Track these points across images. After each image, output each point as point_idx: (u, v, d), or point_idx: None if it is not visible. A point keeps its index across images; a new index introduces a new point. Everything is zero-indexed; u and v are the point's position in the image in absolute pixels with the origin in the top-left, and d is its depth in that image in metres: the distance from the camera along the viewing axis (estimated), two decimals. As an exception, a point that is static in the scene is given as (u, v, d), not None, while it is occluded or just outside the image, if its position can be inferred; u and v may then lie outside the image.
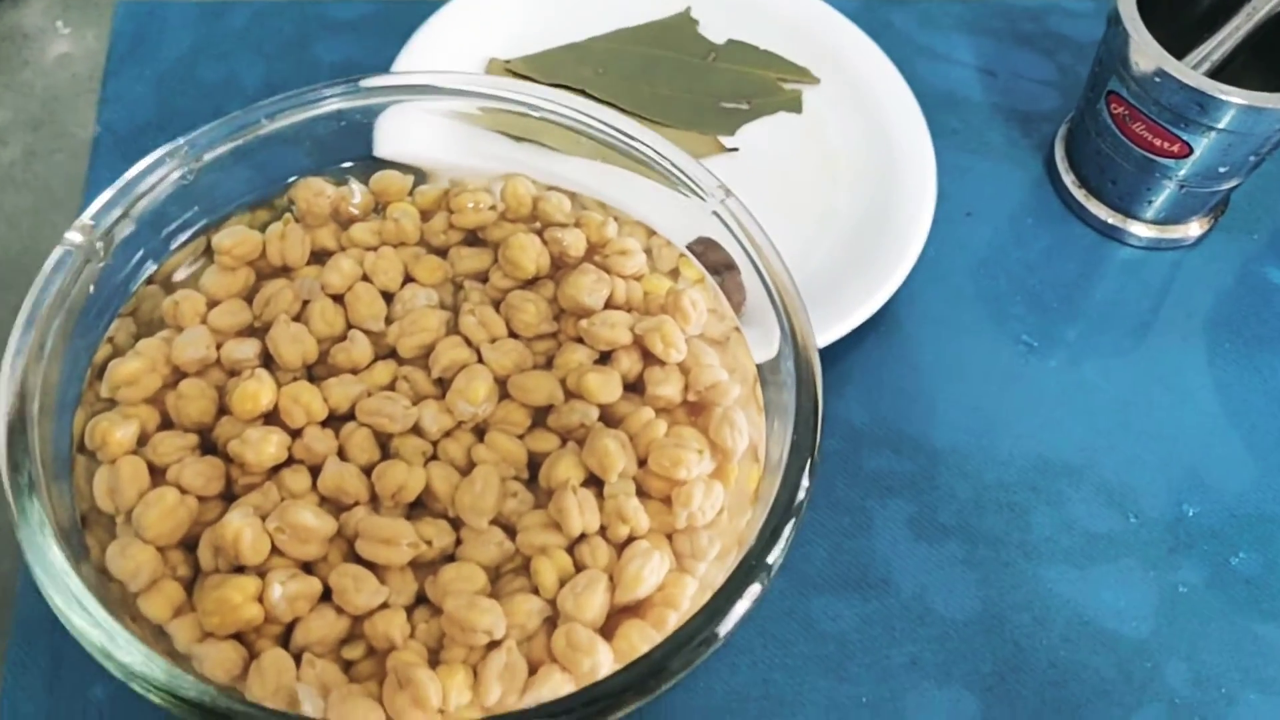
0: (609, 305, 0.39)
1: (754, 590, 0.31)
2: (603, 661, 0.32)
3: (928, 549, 0.46)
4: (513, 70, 0.56)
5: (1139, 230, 0.55)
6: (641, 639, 0.32)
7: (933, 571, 0.45)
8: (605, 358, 0.38)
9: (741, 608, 0.31)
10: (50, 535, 0.31)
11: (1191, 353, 0.53)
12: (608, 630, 0.33)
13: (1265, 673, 0.45)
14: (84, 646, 0.29)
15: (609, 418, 0.37)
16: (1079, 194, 0.55)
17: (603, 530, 0.34)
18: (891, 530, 0.46)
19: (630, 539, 0.34)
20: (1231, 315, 0.54)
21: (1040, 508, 0.47)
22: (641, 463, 0.36)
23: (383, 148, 0.42)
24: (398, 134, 0.43)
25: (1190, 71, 0.48)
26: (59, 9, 0.59)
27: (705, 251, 0.42)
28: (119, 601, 0.32)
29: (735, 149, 0.55)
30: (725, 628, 0.31)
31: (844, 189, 0.54)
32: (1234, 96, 0.47)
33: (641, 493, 0.35)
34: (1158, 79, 0.48)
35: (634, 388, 0.38)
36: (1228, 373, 0.52)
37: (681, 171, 0.40)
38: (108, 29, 0.58)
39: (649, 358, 0.38)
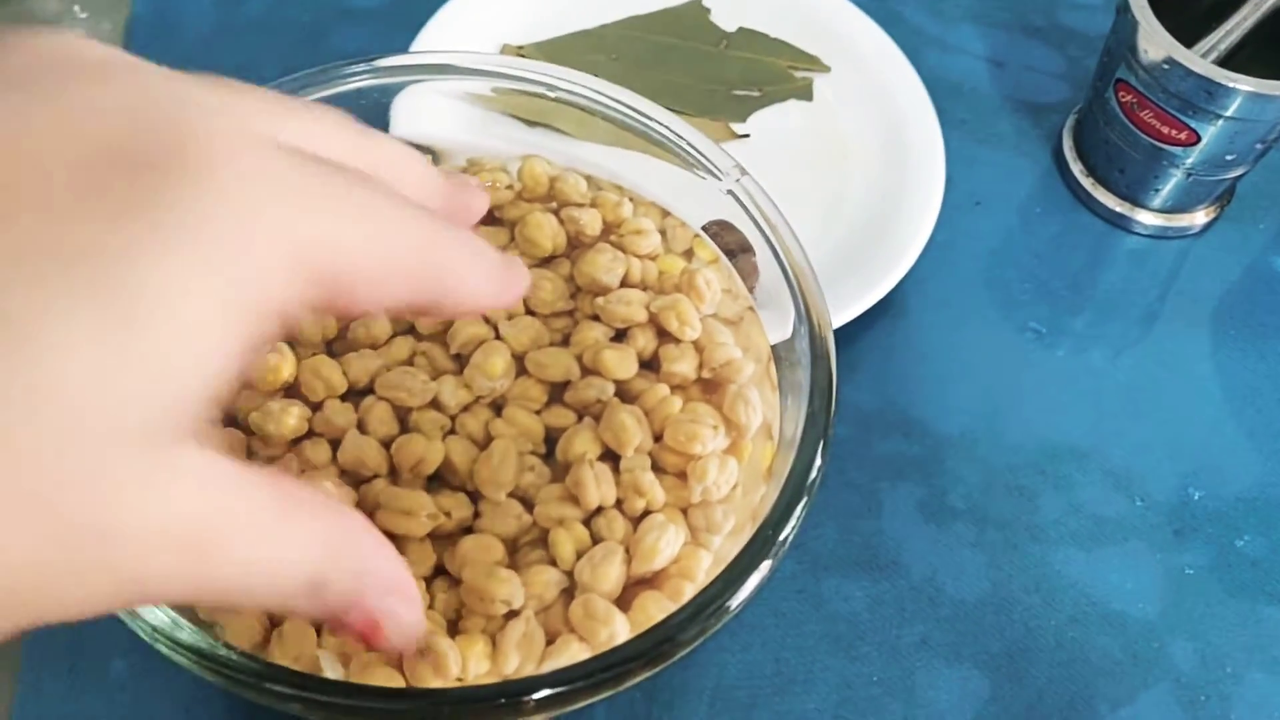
0: (624, 284, 0.39)
1: (766, 565, 0.31)
2: (619, 631, 0.32)
3: (937, 531, 0.46)
4: (525, 56, 0.57)
5: (1146, 219, 0.55)
6: (658, 609, 0.33)
7: (942, 553, 0.46)
8: (621, 335, 0.38)
9: (754, 581, 0.31)
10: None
11: (1197, 340, 0.53)
12: (624, 601, 0.33)
13: (1270, 653, 0.45)
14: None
15: (625, 394, 0.37)
16: (1087, 183, 0.56)
17: (619, 504, 0.35)
18: (902, 512, 0.47)
19: (646, 513, 0.35)
20: (1237, 303, 0.54)
21: (1048, 491, 0.48)
22: (657, 438, 0.36)
23: (399, 128, 0.43)
24: (414, 114, 0.43)
25: (1198, 59, 0.48)
26: (72, -6, 0.60)
27: (720, 234, 0.43)
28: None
29: (747, 135, 0.56)
30: (737, 600, 0.31)
31: (854, 176, 0.55)
32: (1241, 84, 0.47)
33: (657, 468, 0.36)
34: (1166, 66, 0.48)
35: (649, 365, 0.38)
36: (1233, 360, 0.53)
37: (697, 150, 0.41)
38: (125, 15, 0.59)
39: (664, 336, 0.38)
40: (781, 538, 0.32)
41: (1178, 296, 0.54)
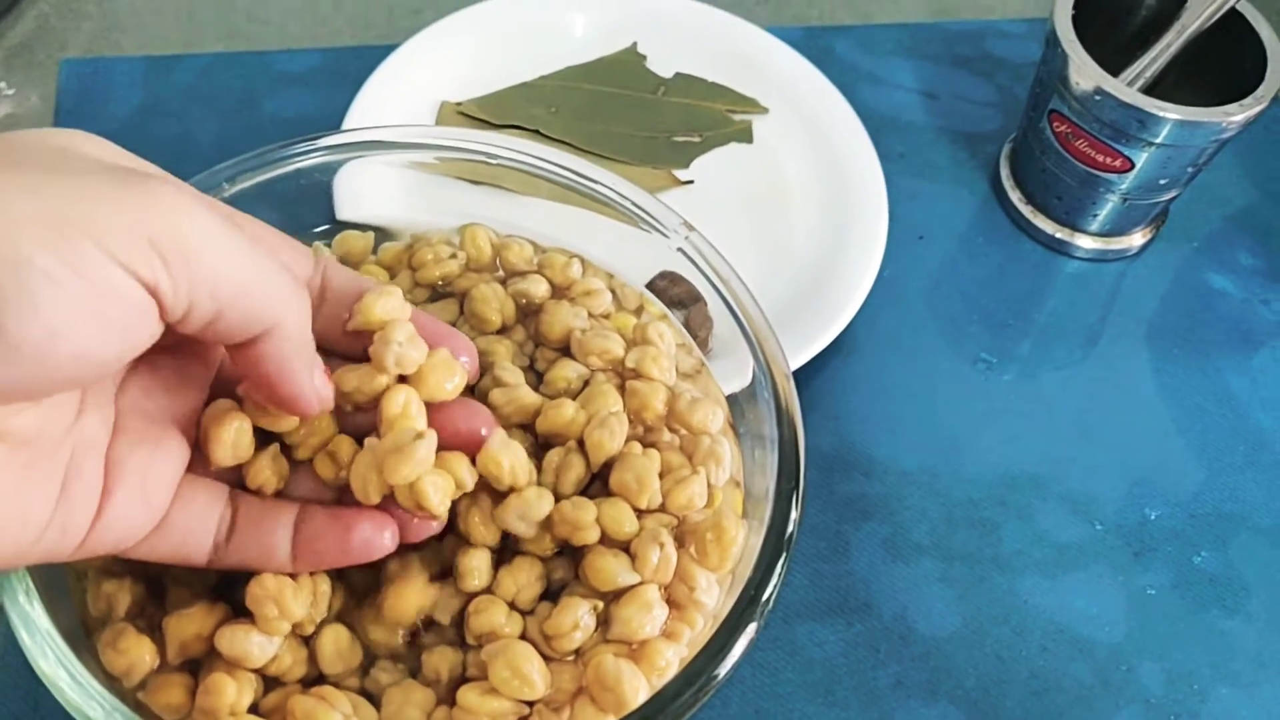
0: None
1: (752, 628, 0.31)
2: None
3: (905, 569, 0.47)
4: (465, 113, 0.57)
5: (1085, 243, 0.56)
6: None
7: (911, 591, 0.46)
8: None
9: (740, 646, 0.31)
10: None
11: (1142, 359, 0.54)
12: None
13: (1232, 667, 0.46)
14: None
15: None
16: (1026, 210, 0.57)
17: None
18: (868, 553, 0.47)
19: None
20: (1177, 321, 0.55)
21: (1010, 521, 0.48)
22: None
23: (344, 210, 0.42)
24: (357, 194, 0.43)
25: (1129, 90, 0.49)
26: (1, 69, 0.58)
27: (669, 286, 0.43)
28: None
29: (690, 181, 0.56)
30: (725, 667, 0.31)
31: (799, 217, 0.55)
32: (1170, 112, 0.48)
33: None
34: (1098, 97, 0.49)
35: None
36: (1177, 377, 0.54)
37: (644, 210, 0.41)
38: (53, 88, 0.58)
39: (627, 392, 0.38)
40: (765, 597, 0.32)
41: (1120, 317, 0.55)
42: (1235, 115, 0.48)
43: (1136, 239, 0.57)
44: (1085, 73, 0.49)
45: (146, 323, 0.25)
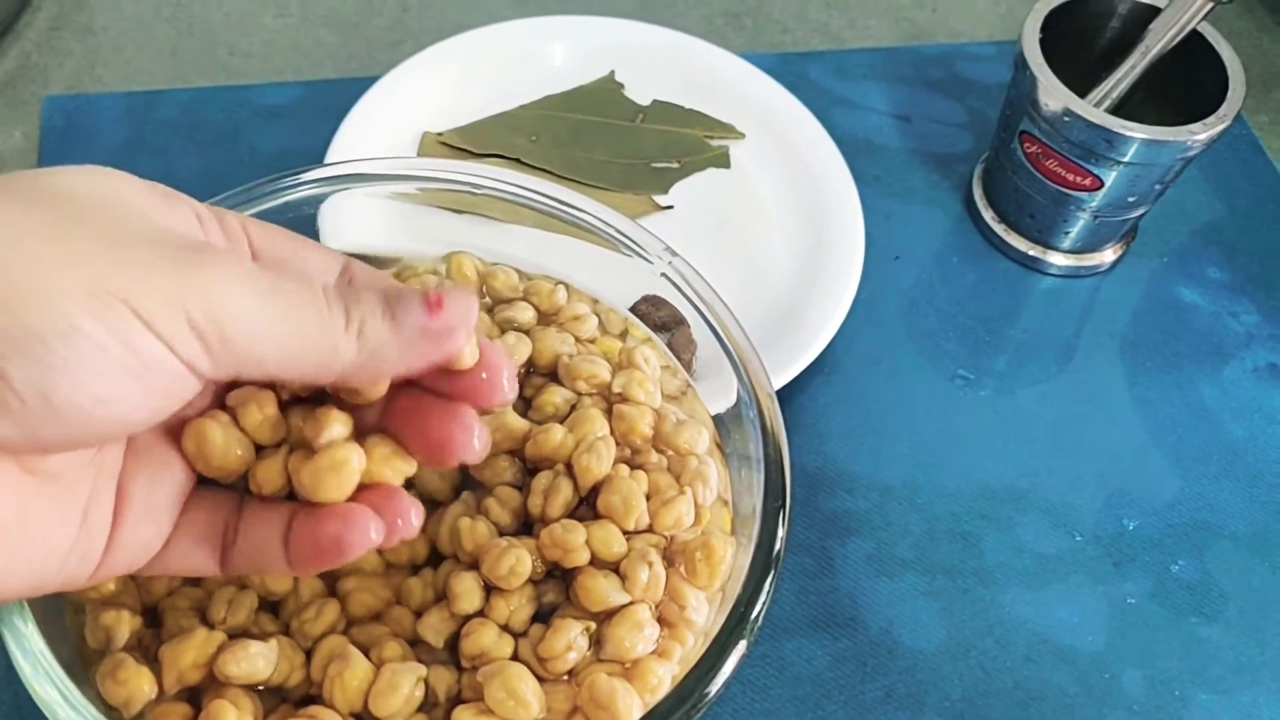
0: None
1: (742, 645, 0.32)
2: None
3: (889, 584, 0.47)
4: (446, 143, 0.57)
5: (1057, 260, 0.58)
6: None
7: (896, 605, 0.47)
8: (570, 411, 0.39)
9: (731, 664, 0.32)
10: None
11: (1116, 373, 0.55)
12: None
13: (1212, 673, 0.47)
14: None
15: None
16: (999, 229, 0.58)
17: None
18: (853, 568, 0.48)
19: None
20: (1149, 334, 0.57)
21: (991, 534, 0.49)
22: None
23: (330, 241, 0.43)
24: (343, 225, 0.43)
25: (1096, 110, 0.50)
26: (-17, 108, 0.59)
27: (651, 310, 0.43)
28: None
29: (670, 207, 0.57)
30: (716, 685, 0.32)
31: (777, 239, 0.56)
32: (1137, 132, 0.50)
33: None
34: (1066, 118, 0.51)
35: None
36: (1150, 389, 0.55)
37: (627, 237, 0.42)
38: (37, 126, 0.58)
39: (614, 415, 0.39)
40: (754, 615, 0.33)
41: (1094, 332, 0.57)
42: (1199, 134, 0.50)
43: (1108, 255, 0.58)
44: (1054, 95, 0.51)
45: (185, 387, 0.26)
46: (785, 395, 0.51)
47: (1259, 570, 0.50)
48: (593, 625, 0.34)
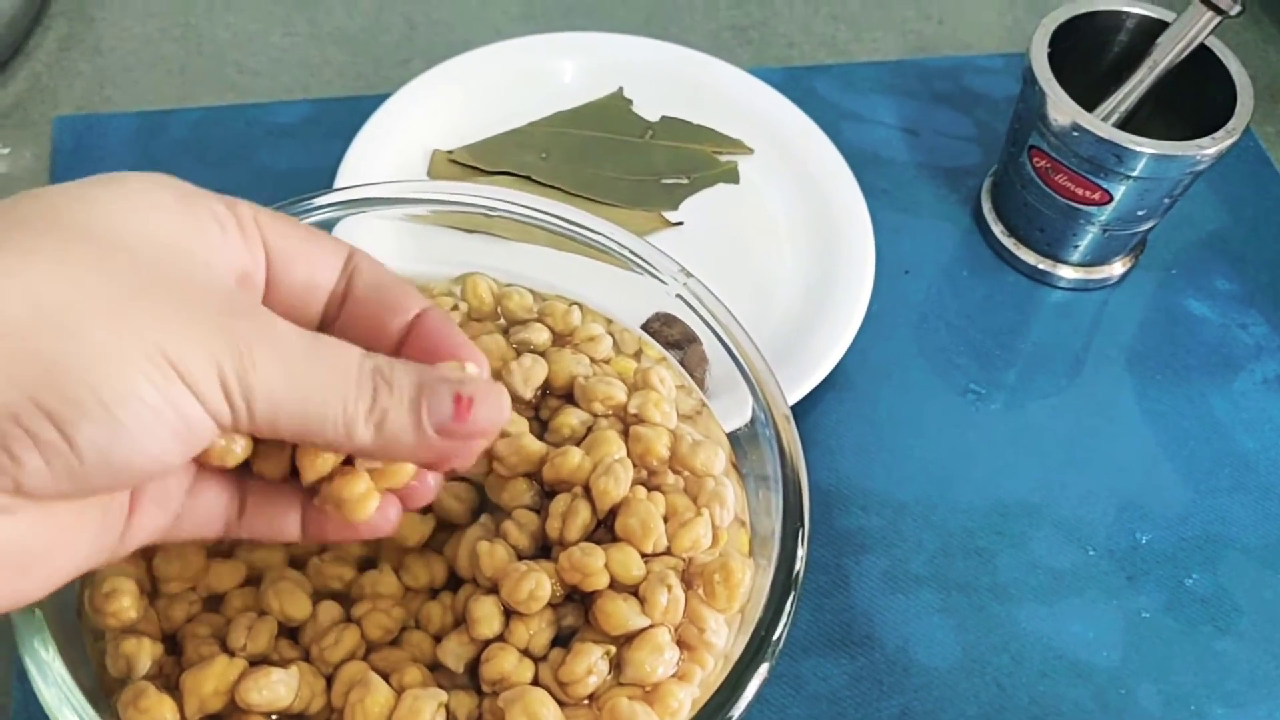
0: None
1: (764, 668, 0.32)
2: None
3: (904, 601, 0.47)
4: (456, 160, 0.58)
5: (1067, 273, 0.58)
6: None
7: (911, 623, 0.47)
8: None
9: (753, 687, 0.32)
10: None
11: (1126, 386, 0.55)
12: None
13: (1227, 686, 0.47)
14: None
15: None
16: (1008, 242, 0.58)
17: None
18: (868, 586, 0.48)
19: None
20: (1159, 347, 0.57)
21: (1005, 550, 0.49)
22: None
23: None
24: (356, 246, 0.43)
25: (1106, 125, 0.51)
26: (-7, 129, 0.59)
27: (663, 328, 0.44)
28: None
29: (680, 223, 0.57)
30: (739, 709, 0.32)
31: (788, 255, 0.56)
32: (1146, 147, 0.50)
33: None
34: (1075, 133, 0.51)
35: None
36: (1161, 402, 0.55)
37: (642, 258, 0.42)
38: (47, 147, 0.58)
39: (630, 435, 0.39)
40: (776, 637, 0.33)
41: (1104, 345, 0.57)
42: (1208, 148, 0.50)
43: (1117, 268, 0.58)
44: (1063, 110, 0.51)
45: (208, 438, 0.27)
46: (797, 412, 0.50)
47: (1273, 583, 0.50)
48: (613, 649, 0.34)
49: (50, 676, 0.31)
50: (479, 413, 0.29)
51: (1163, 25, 0.53)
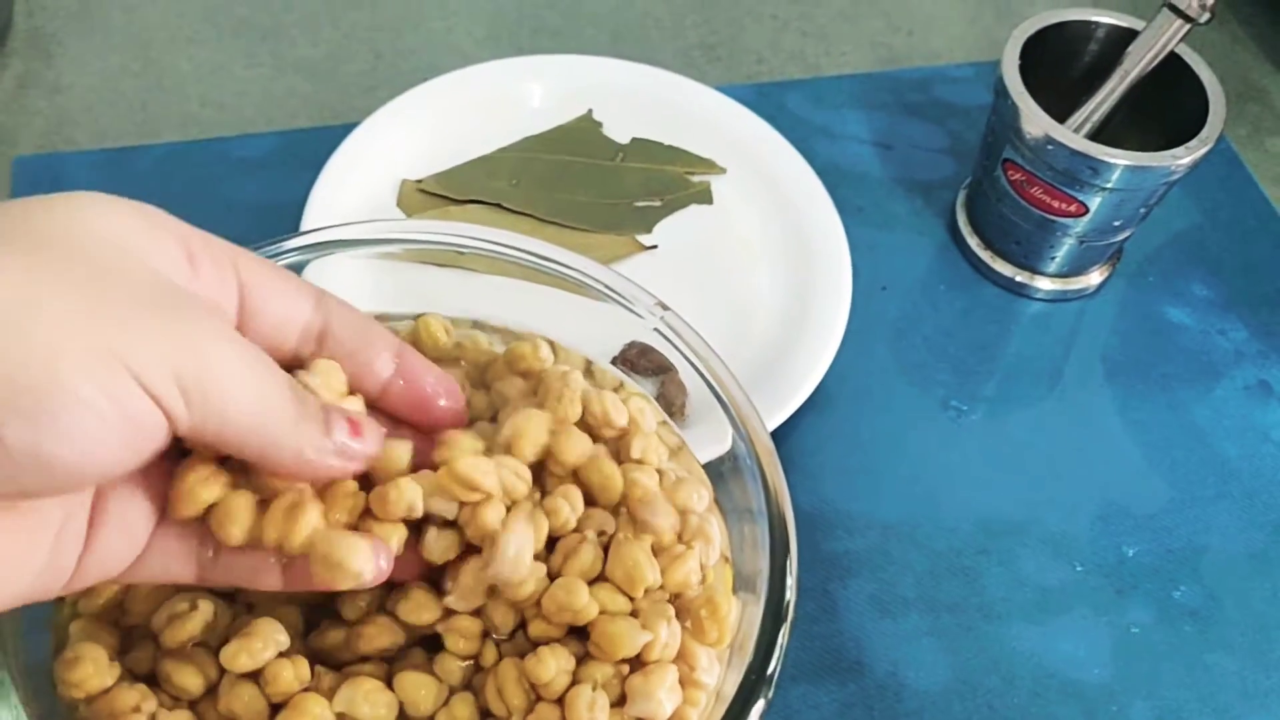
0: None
1: (760, 706, 0.31)
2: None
3: (893, 624, 0.47)
4: (426, 190, 0.57)
5: (1044, 284, 0.57)
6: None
7: (901, 646, 0.46)
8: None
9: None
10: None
11: (1107, 397, 0.55)
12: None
13: (1219, 700, 0.47)
14: None
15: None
16: (984, 255, 0.58)
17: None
18: (856, 610, 0.47)
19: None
20: (1139, 356, 0.56)
21: (992, 568, 0.49)
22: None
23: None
24: (323, 283, 0.42)
25: (1080, 138, 0.50)
26: (-48, 171, 0.58)
27: (638, 358, 0.43)
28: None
29: (654, 246, 0.56)
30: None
31: (764, 275, 0.56)
32: (1121, 159, 0.50)
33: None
34: (1050, 146, 0.51)
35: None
36: (1143, 412, 0.55)
37: (618, 293, 0.41)
38: (6, 188, 0.57)
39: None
40: (770, 671, 0.32)
41: (1083, 356, 0.56)
42: (1183, 158, 0.50)
43: (1094, 278, 0.58)
44: (1036, 123, 0.51)
45: (159, 440, 0.27)
46: (778, 435, 0.50)
47: (1260, 591, 0.50)
48: (601, 678, 0.33)
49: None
50: (368, 435, 0.31)
51: (1133, 34, 0.53)
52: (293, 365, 0.32)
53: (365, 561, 0.30)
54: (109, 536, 0.29)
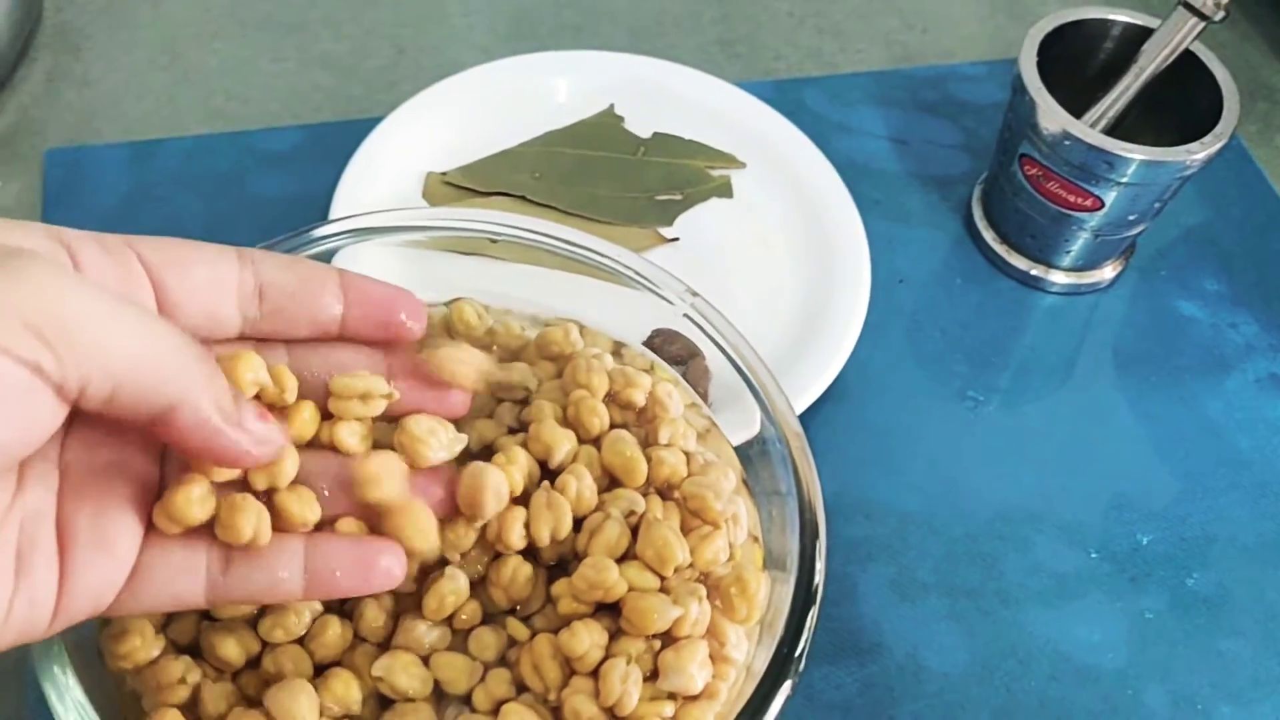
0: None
1: (786, 686, 0.32)
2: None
3: (912, 608, 0.48)
4: (451, 182, 0.58)
5: (1058, 278, 0.58)
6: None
7: (920, 629, 0.47)
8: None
9: (777, 704, 0.32)
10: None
11: (1121, 389, 0.56)
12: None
13: (1233, 685, 0.48)
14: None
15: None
16: (1000, 249, 0.59)
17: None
18: (876, 594, 0.48)
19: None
20: (1152, 349, 0.57)
21: (1009, 555, 0.50)
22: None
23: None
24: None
25: (1096, 133, 0.51)
26: (-17, 163, 0.59)
27: (665, 344, 0.44)
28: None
29: (676, 239, 0.57)
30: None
31: (784, 267, 0.57)
32: (1137, 153, 0.51)
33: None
34: (1067, 141, 0.51)
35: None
36: (1156, 404, 0.56)
37: (647, 279, 0.42)
38: (39, 179, 0.58)
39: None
40: (798, 652, 0.33)
41: (1097, 349, 0.57)
42: (1197, 153, 0.51)
43: (1107, 272, 0.59)
44: (1054, 118, 0.52)
45: (42, 404, 0.25)
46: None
47: (1272, 580, 0.50)
48: (634, 652, 0.34)
49: (68, 701, 0.31)
50: (275, 424, 0.29)
51: (1147, 32, 0.54)
52: (247, 335, 0.32)
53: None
54: (88, 558, 0.28)
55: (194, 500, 0.29)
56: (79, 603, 0.28)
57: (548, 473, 0.37)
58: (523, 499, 0.36)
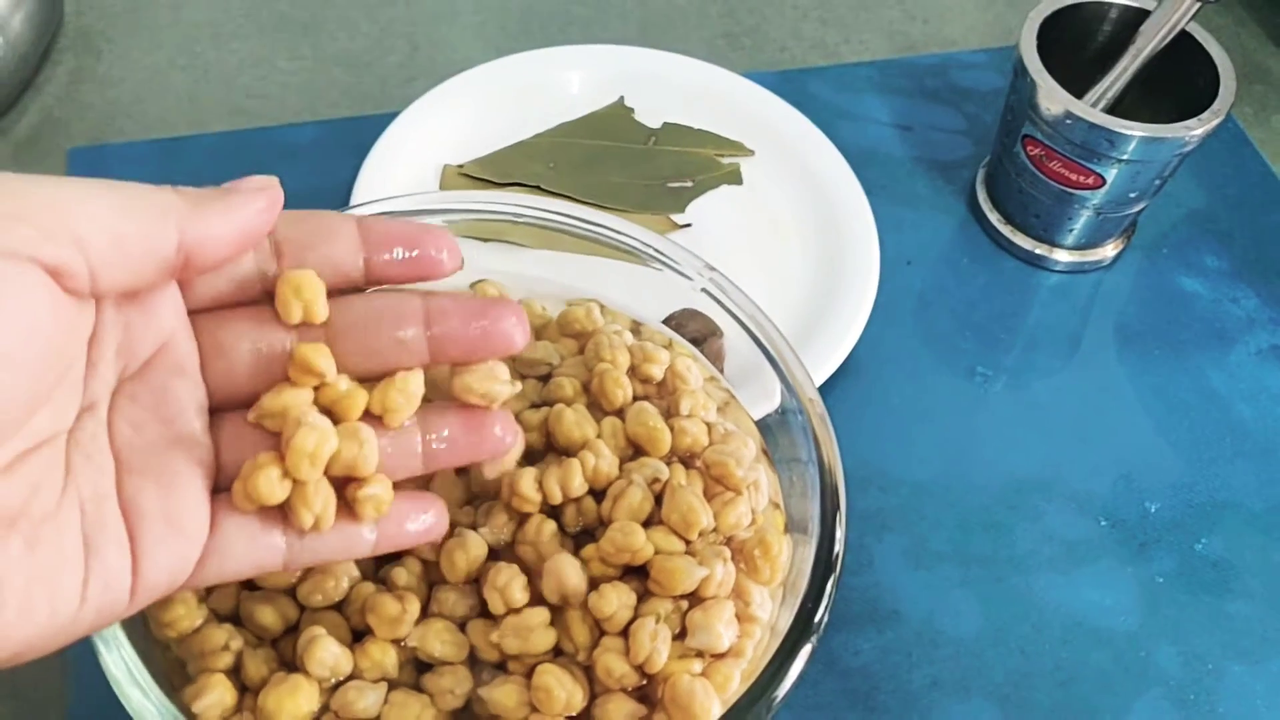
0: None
1: (806, 649, 0.34)
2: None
3: (927, 576, 0.49)
4: (467, 174, 0.59)
5: (1062, 257, 0.60)
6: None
7: (935, 596, 0.49)
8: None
9: (797, 668, 0.33)
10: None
11: (1126, 362, 0.57)
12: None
13: (1242, 645, 0.49)
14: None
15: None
16: (1005, 230, 0.60)
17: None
18: (892, 563, 0.49)
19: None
20: (1155, 324, 0.59)
21: (1020, 524, 0.51)
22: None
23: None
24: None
25: (1097, 112, 0.53)
26: (10, 162, 0.60)
27: (684, 323, 0.45)
28: None
29: (688, 225, 0.59)
30: (783, 690, 0.33)
31: (795, 251, 0.58)
32: (1137, 130, 0.52)
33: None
34: (1068, 121, 0.53)
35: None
36: (1160, 376, 0.57)
37: (666, 256, 0.43)
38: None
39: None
40: (818, 618, 0.34)
41: (1101, 324, 0.59)
42: (1195, 130, 0.52)
43: (1109, 250, 0.60)
44: (1054, 98, 0.53)
45: (55, 301, 0.25)
46: (813, 400, 0.52)
47: (1278, 544, 0.52)
48: (663, 611, 0.35)
49: (116, 651, 0.33)
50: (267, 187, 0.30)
51: (1145, 14, 0.55)
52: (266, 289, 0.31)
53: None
54: (158, 536, 0.28)
55: (274, 481, 0.29)
56: (155, 579, 0.28)
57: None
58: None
